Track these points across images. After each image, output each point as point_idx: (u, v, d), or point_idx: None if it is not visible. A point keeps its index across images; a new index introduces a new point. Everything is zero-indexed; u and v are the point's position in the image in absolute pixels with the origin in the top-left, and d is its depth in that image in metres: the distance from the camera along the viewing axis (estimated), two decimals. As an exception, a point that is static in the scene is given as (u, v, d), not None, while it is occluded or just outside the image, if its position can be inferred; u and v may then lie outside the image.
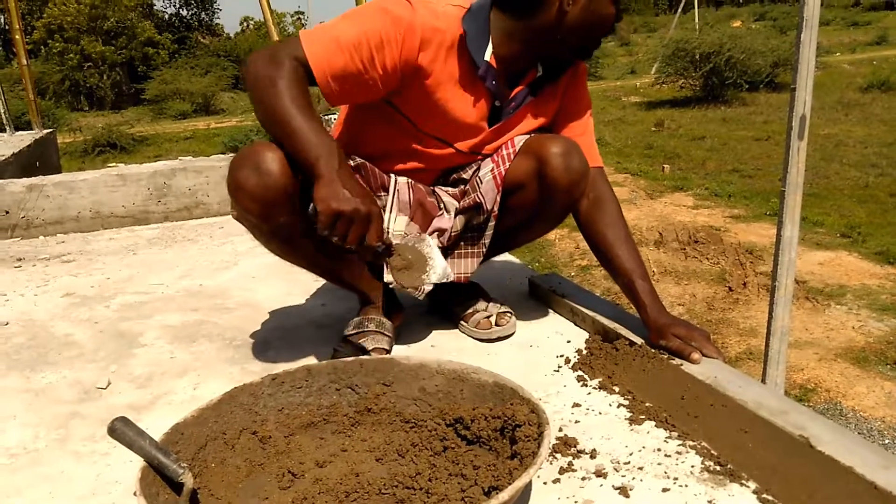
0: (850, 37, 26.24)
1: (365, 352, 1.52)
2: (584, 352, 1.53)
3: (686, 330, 1.39)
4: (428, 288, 1.41)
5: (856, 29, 31.34)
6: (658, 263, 5.70)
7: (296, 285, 2.07)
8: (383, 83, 1.40)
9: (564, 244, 6.25)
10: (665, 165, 8.98)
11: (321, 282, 2.04)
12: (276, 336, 1.76)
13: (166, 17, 33.92)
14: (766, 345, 3.26)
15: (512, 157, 1.54)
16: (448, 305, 1.78)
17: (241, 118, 16.26)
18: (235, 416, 1.23)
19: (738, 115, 12.36)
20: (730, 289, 5.15)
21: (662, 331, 1.39)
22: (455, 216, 1.60)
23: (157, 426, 1.12)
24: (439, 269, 1.40)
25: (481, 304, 1.72)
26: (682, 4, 19.88)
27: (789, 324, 3.41)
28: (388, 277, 1.46)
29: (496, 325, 1.68)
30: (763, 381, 3.17)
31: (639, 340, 1.44)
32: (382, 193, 1.58)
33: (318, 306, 1.95)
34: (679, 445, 1.17)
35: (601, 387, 1.39)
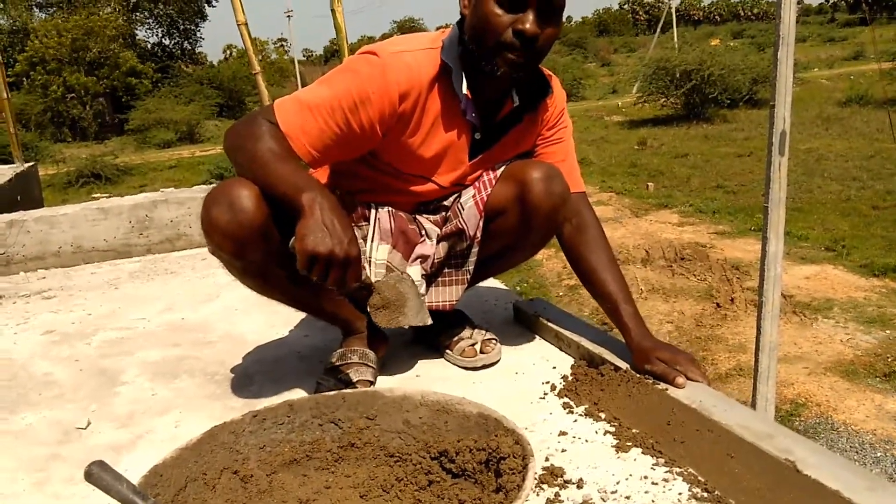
0: (827, 52, 26.66)
1: (349, 384, 1.51)
2: (570, 378, 1.52)
3: (670, 354, 1.38)
4: (407, 324, 1.40)
5: (832, 45, 31.89)
6: (646, 281, 5.71)
7: (278, 317, 2.05)
8: (366, 139, 1.42)
9: (552, 264, 6.26)
10: (649, 183, 9.04)
11: (304, 313, 2.02)
12: (258, 370, 1.74)
13: (148, 46, 34.02)
14: (756, 361, 3.26)
15: (493, 182, 1.54)
16: (433, 334, 1.76)
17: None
18: (216, 456, 1.20)
19: (720, 131, 12.49)
20: (717, 305, 5.16)
21: (647, 355, 1.39)
22: (437, 243, 1.60)
23: (138, 466, 1.10)
24: (414, 311, 1.39)
25: (466, 332, 1.71)
26: (660, 24, 20.16)
27: (778, 339, 3.42)
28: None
29: (481, 352, 1.66)
30: (753, 397, 3.17)
31: (624, 365, 1.43)
32: (364, 223, 1.57)
33: (300, 337, 1.93)
34: (666, 472, 1.16)
35: (587, 413, 1.38)
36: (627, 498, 1.10)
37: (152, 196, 3.14)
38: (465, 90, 1.44)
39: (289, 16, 38.42)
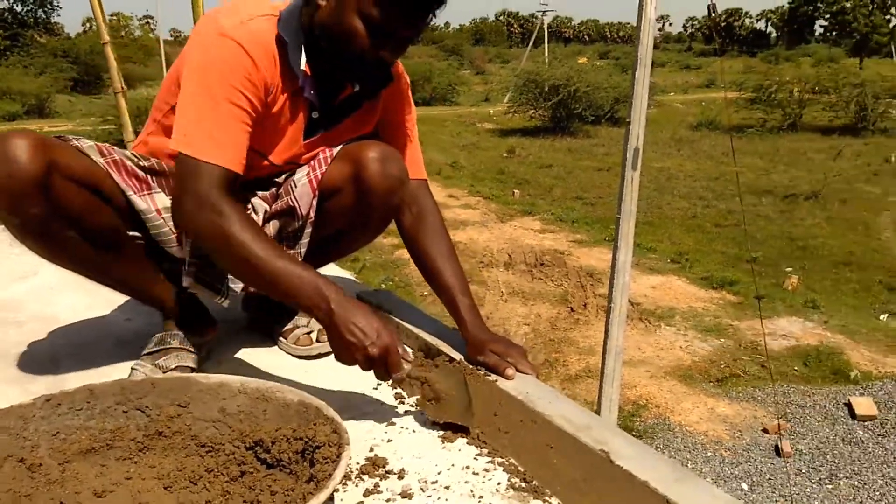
0: (683, 79, 28.55)
1: (167, 371, 1.39)
2: (406, 389, 1.47)
3: (503, 347, 1.37)
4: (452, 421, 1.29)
5: (688, 72, 34.21)
6: (507, 284, 5.83)
7: (99, 298, 1.87)
8: (259, 118, 1.35)
9: (416, 264, 6.26)
10: (515, 190, 9.27)
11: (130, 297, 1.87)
12: (67, 353, 1.58)
13: (-3, 11, 31.27)
14: (603, 363, 3.39)
15: (329, 161, 1.47)
16: (267, 320, 1.67)
17: (78, 122, 15.14)
18: (0, 442, 1.06)
19: (583, 146, 13.04)
20: (571, 309, 5.35)
21: (481, 347, 1.37)
22: (267, 221, 1.50)
23: None
24: (463, 408, 1.28)
25: (302, 320, 1.64)
26: (533, 38, 20.84)
27: (623, 343, 3.56)
28: (185, 281, 1.38)
29: (317, 341, 1.60)
30: (599, 398, 3.28)
31: (458, 357, 1.41)
32: None
33: (121, 320, 1.78)
34: (488, 463, 1.14)
35: (418, 404, 1.34)
36: (447, 488, 1.07)
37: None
38: (303, 66, 1.37)
39: (157, -8, 36.46)
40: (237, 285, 1.47)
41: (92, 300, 1.88)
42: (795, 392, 4.07)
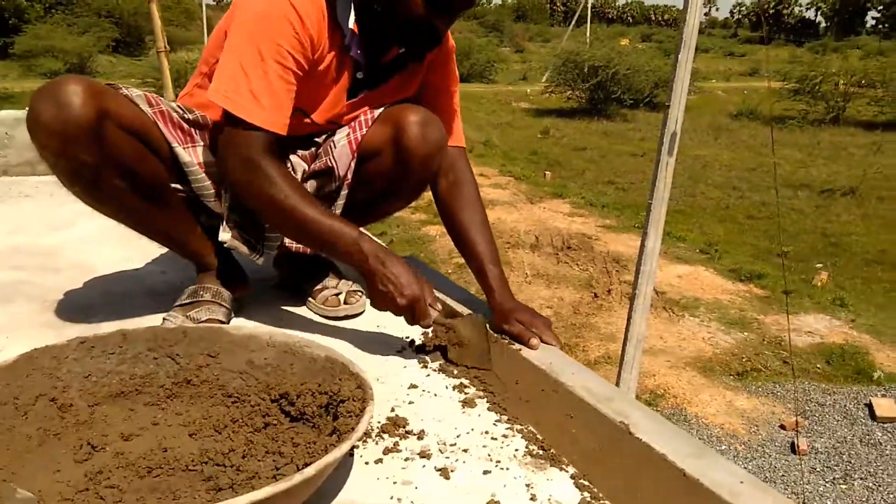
0: (726, 66, 27.99)
1: (198, 323, 1.42)
2: (430, 334, 1.49)
3: (529, 316, 1.38)
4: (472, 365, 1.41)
5: (732, 59, 33.54)
6: (532, 266, 5.82)
7: (136, 251, 1.92)
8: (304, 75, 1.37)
9: (446, 240, 6.25)
10: (547, 172, 9.21)
11: (165, 251, 1.90)
12: (103, 301, 1.62)
13: (45, -32, 31.49)
14: (623, 350, 3.38)
15: (369, 123, 1.48)
16: (297, 280, 1.70)
17: (118, 82, 15.33)
18: (33, 381, 1.10)
19: (619, 129, 12.89)
20: (595, 295, 5.32)
21: (507, 315, 1.38)
22: (305, 180, 1.52)
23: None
24: (481, 353, 1.40)
25: (332, 281, 1.66)
26: (576, 17, 20.55)
27: (645, 331, 3.55)
28: (222, 236, 1.42)
29: (345, 303, 1.62)
30: (617, 384, 3.28)
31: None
32: None
33: (156, 273, 1.82)
34: (507, 429, 1.15)
35: (441, 370, 1.36)
36: (465, 451, 1.09)
37: (16, 114, 2.87)
38: (351, 24, 1.38)
39: (202, -44, 36.51)
40: (273, 243, 1.50)
41: (128, 252, 1.93)
42: (816, 390, 4.03)
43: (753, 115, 14.34)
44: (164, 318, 1.46)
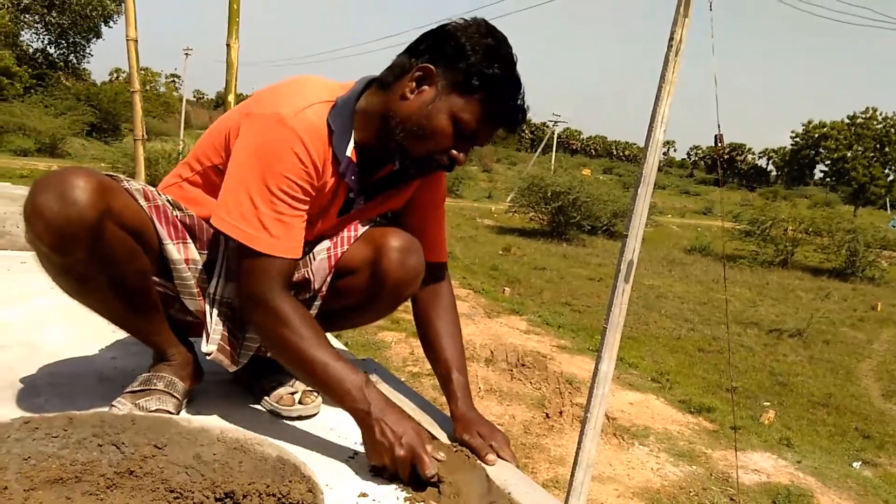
0: (681, 203, 29.25)
1: (146, 412, 1.39)
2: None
3: (489, 430, 1.39)
4: None
5: (687, 197, 35.12)
6: (485, 381, 5.79)
7: (89, 332, 1.88)
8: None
9: (400, 348, 6.23)
10: (506, 288, 9.33)
11: (121, 333, 1.87)
12: (48, 382, 1.57)
13: (30, 50, 32.01)
14: (571, 475, 3.34)
15: (351, 240, 1.50)
16: (253, 377, 1.67)
17: (87, 165, 15.33)
18: (-31, 460, 1.06)
19: (578, 253, 13.22)
20: (547, 415, 5.29)
21: (467, 425, 1.39)
22: None
23: None
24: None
25: (288, 380, 1.64)
26: (542, 145, 21.45)
27: (595, 457, 3.53)
28: (206, 348, 1.40)
29: (300, 402, 1.59)
30: (564, 510, 3.22)
31: (441, 434, 1.41)
32: (204, 252, 1.47)
33: (108, 358, 1.77)
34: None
35: (391, 478, 1.34)
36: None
37: (-20, 187, 2.86)
38: (349, 152, 1.40)
39: (187, 53, 37.57)
40: (249, 352, 1.49)
41: (83, 334, 1.89)
42: (763, 530, 4.00)
43: (706, 252, 14.90)
44: (111, 404, 1.42)
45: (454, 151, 1.36)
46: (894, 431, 5.85)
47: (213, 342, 1.42)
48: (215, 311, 1.44)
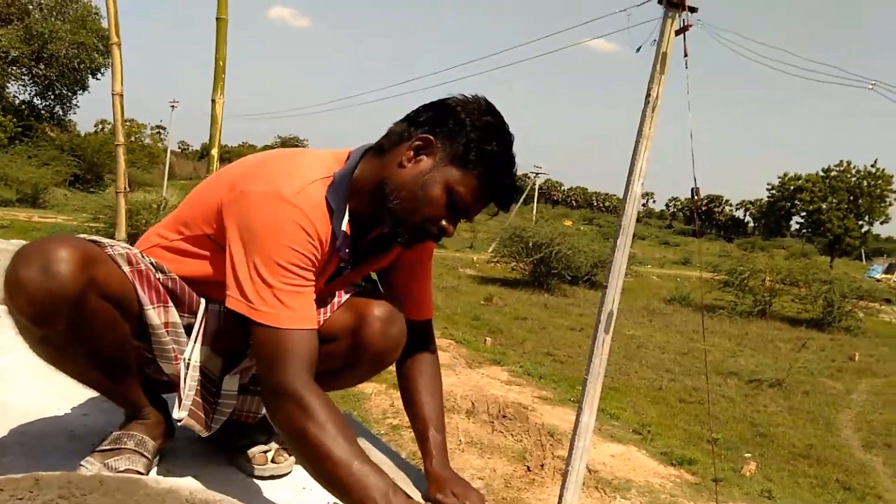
0: (661, 253, 29.58)
1: (116, 472, 1.37)
2: (357, 501, 1.46)
3: (463, 488, 1.39)
4: None
5: (666, 248, 35.54)
6: (466, 433, 5.74)
7: (58, 389, 1.84)
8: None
9: (380, 399, 6.18)
10: (488, 338, 9.32)
11: (91, 392, 1.85)
12: (16, 441, 1.55)
13: (16, 102, 32.08)
14: (554, 529, 3.30)
15: (335, 307, 1.51)
16: (227, 435, 1.66)
17: (69, 216, 15.27)
18: (-71, 524, 1.04)
19: (559, 303, 13.27)
20: (528, 468, 5.24)
21: (441, 484, 1.39)
22: None
23: None
24: None
25: (261, 439, 1.63)
26: (523, 196, 21.68)
27: (576, 511, 3.49)
28: (177, 414, 1.39)
29: (272, 461, 1.58)
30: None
31: (415, 494, 1.41)
32: (188, 315, 1.46)
33: (78, 416, 1.75)
34: None
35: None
36: None
37: (-42, 240, 2.84)
38: (344, 227, 1.40)
39: (173, 106, 37.90)
40: (222, 417, 1.48)
41: (51, 391, 1.86)
42: (747, 585, 3.96)
43: (685, 302, 15.02)
44: (80, 464, 1.40)
45: (444, 222, 1.37)
46: (875, 483, 5.85)
47: (184, 408, 1.40)
48: (189, 376, 1.43)
